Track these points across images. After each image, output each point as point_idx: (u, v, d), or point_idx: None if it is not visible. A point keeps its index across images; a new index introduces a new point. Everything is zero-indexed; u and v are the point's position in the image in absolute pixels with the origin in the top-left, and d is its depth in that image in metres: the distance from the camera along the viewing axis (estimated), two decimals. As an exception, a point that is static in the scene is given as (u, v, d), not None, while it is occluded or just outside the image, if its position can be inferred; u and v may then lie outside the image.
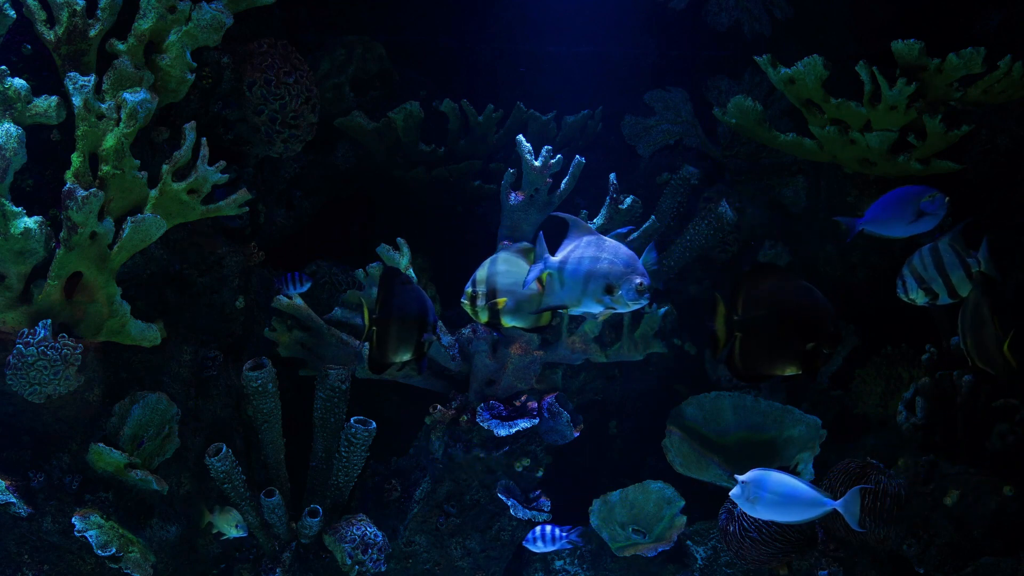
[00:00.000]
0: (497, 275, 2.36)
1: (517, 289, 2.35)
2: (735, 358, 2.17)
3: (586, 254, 2.24)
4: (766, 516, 2.49)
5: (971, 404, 2.79)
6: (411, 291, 2.30)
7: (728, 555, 3.10)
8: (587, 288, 2.22)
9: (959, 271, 2.49)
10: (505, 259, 2.38)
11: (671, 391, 3.63)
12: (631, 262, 2.21)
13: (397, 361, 2.33)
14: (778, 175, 3.66)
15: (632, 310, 2.25)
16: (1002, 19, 3.14)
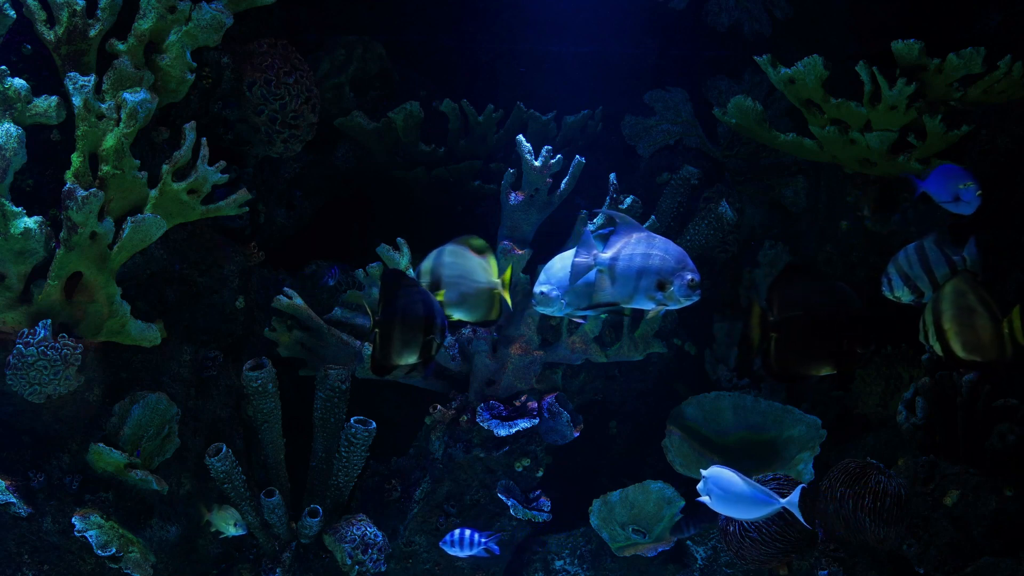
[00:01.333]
0: (443, 266, 2.35)
1: (462, 282, 2.35)
2: (771, 359, 2.18)
3: (637, 251, 2.25)
4: (725, 512, 2.54)
5: (971, 404, 2.79)
6: (417, 293, 2.29)
7: (728, 555, 3.10)
8: (639, 285, 2.24)
9: (944, 268, 2.49)
10: (452, 251, 2.37)
11: (671, 391, 3.63)
12: (682, 258, 2.22)
13: (401, 364, 2.32)
14: (778, 175, 3.66)
15: (684, 306, 2.26)
16: (1002, 19, 3.13)
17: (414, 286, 2.30)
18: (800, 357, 2.18)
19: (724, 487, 2.45)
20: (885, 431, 3.27)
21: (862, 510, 2.57)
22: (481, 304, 2.38)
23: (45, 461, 2.65)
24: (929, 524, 2.69)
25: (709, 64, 3.75)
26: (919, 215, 3.10)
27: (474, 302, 2.37)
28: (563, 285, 2.39)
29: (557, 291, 2.40)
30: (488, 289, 2.37)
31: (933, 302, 2.37)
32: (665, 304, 2.25)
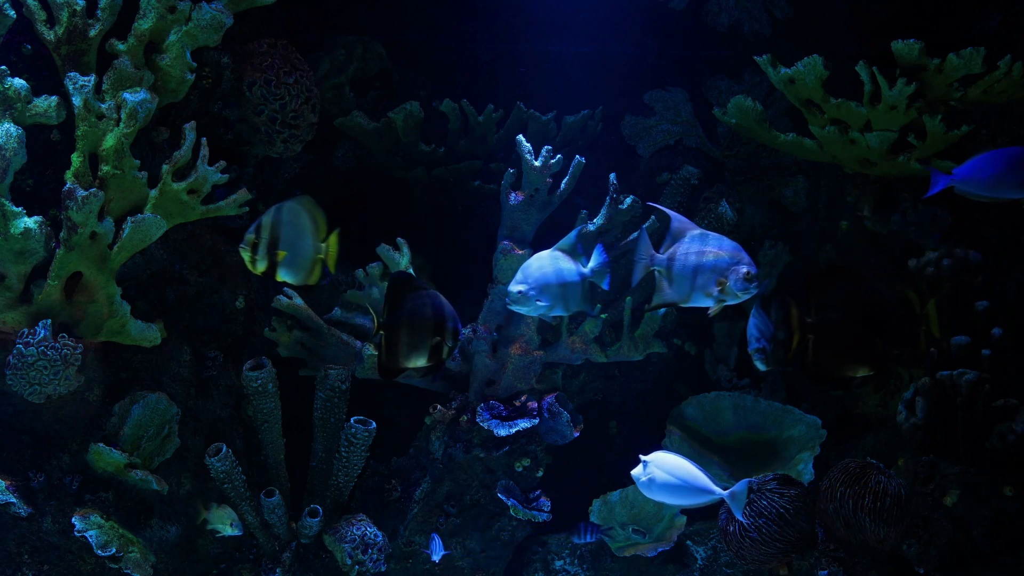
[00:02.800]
0: (282, 225, 2.32)
1: (297, 243, 2.32)
2: (808, 360, 2.18)
3: (691, 249, 2.26)
4: (659, 498, 2.55)
5: (971, 404, 2.79)
6: (425, 296, 2.28)
7: (728, 555, 3.10)
8: (696, 283, 2.25)
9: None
10: (291, 209, 2.33)
11: (671, 391, 3.63)
12: (736, 252, 2.22)
13: (410, 367, 2.31)
14: (778, 175, 3.66)
15: (742, 300, 2.26)
16: (1002, 19, 3.13)
17: (424, 289, 2.29)
18: (838, 359, 2.19)
19: (670, 472, 2.47)
20: (885, 431, 3.27)
21: (862, 510, 2.57)
22: (305, 268, 2.35)
23: (45, 461, 2.65)
24: (929, 524, 2.69)
25: (709, 64, 3.75)
26: (919, 215, 3.10)
27: (301, 265, 2.34)
28: (539, 285, 2.38)
29: (533, 291, 2.38)
30: (315, 254, 2.34)
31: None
32: (724, 300, 2.25)
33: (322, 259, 2.35)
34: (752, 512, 2.66)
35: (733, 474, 3.22)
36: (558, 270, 2.40)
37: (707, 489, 2.45)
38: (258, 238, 2.28)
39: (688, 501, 2.51)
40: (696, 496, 2.47)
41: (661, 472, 2.49)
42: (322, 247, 2.36)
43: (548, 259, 2.41)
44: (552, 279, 2.39)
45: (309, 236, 2.34)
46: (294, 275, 2.35)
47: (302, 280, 2.37)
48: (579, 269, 2.42)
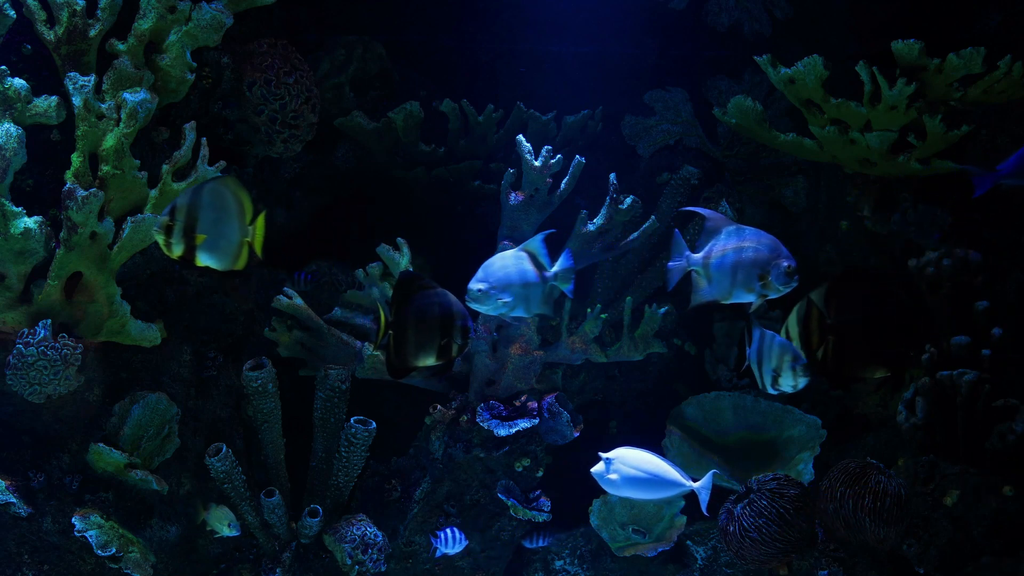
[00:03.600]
0: (201, 208, 2.17)
1: (219, 226, 2.18)
2: (830, 363, 2.18)
3: (728, 245, 2.23)
4: (626, 494, 2.56)
5: (971, 404, 2.79)
6: (433, 295, 2.26)
7: (728, 555, 3.10)
8: (736, 279, 2.22)
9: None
10: (212, 191, 2.20)
11: (671, 391, 3.63)
12: (775, 246, 2.21)
13: (420, 366, 2.30)
14: (778, 175, 3.66)
15: (783, 294, 2.24)
16: (1002, 19, 3.13)
17: (431, 288, 2.28)
18: (859, 360, 2.19)
19: (636, 467, 2.49)
20: (885, 431, 3.27)
21: (862, 510, 2.57)
22: (231, 252, 2.22)
23: (45, 461, 2.65)
24: (929, 524, 2.69)
25: (709, 64, 3.75)
26: (919, 215, 3.10)
27: (225, 249, 2.21)
28: (501, 284, 2.36)
29: (494, 289, 2.36)
30: (241, 238, 2.21)
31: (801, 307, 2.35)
32: (765, 295, 2.23)
33: (249, 242, 2.22)
34: (752, 512, 2.66)
35: (733, 474, 3.22)
36: (521, 270, 2.38)
37: (675, 482, 2.47)
38: (173, 220, 2.12)
39: (656, 495, 2.52)
40: (665, 489, 2.49)
41: (627, 467, 2.50)
42: (249, 230, 2.22)
43: (511, 258, 2.39)
44: (515, 279, 2.37)
45: (234, 219, 2.20)
46: (217, 260, 2.21)
47: (227, 265, 2.23)
48: (543, 271, 2.40)
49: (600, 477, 2.57)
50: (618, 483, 2.54)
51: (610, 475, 2.53)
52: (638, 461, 2.52)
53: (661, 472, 2.50)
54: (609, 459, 2.54)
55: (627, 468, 2.51)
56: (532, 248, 2.42)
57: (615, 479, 2.53)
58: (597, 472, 2.57)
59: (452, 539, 3.00)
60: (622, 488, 2.55)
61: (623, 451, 2.55)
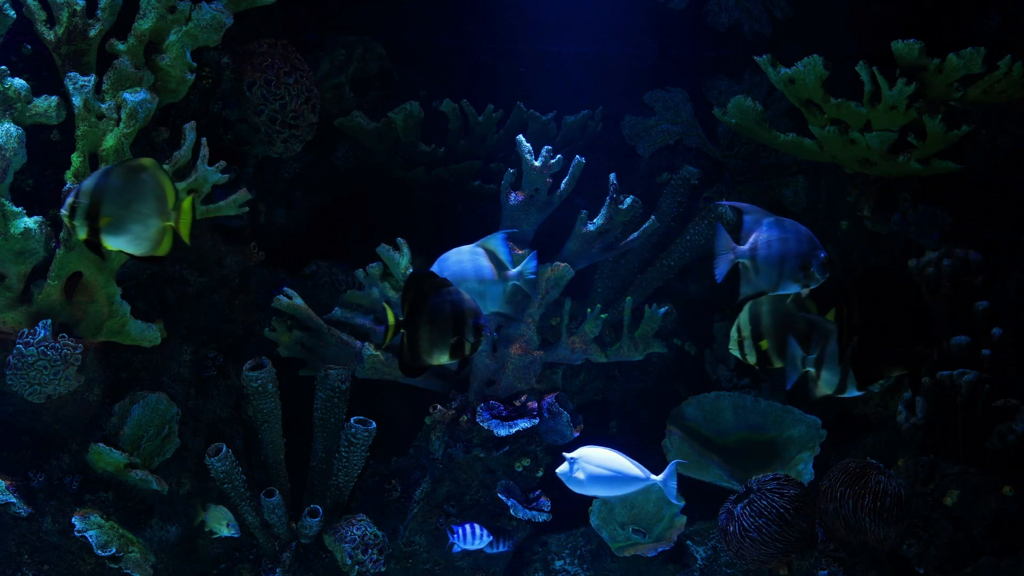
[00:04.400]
0: (107, 189, 2.09)
1: (130, 209, 2.10)
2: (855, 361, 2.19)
3: (772, 236, 2.24)
4: (591, 492, 2.59)
5: (971, 404, 2.79)
6: (446, 293, 2.24)
7: (728, 555, 3.10)
8: (783, 270, 2.22)
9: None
10: (122, 172, 2.12)
11: (671, 391, 3.63)
12: (811, 236, 2.22)
13: (433, 364, 2.29)
14: (778, 175, 3.66)
15: (820, 284, 2.26)
16: (1002, 19, 3.13)
17: (444, 286, 2.27)
18: (881, 358, 2.20)
19: (600, 464, 2.53)
20: (885, 431, 3.26)
21: (862, 510, 2.57)
22: (148, 237, 2.14)
23: (45, 461, 2.65)
24: (929, 524, 2.69)
25: (709, 64, 3.75)
26: (919, 215, 3.10)
27: (140, 234, 2.12)
28: (455, 279, 2.33)
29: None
30: (161, 222, 2.12)
31: (752, 305, 2.35)
32: (808, 285, 2.24)
33: (171, 227, 2.14)
34: (752, 512, 2.66)
35: (733, 474, 3.22)
36: (477, 267, 2.37)
37: (639, 477, 2.51)
38: (77, 202, 2.05)
39: (621, 491, 2.55)
40: (629, 485, 2.52)
41: (592, 466, 2.52)
42: (171, 214, 2.14)
43: (467, 254, 2.37)
44: (470, 275, 2.35)
45: (149, 202, 2.10)
46: (132, 244, 2.13)
47: (146, 250, 2.15)
48: (505, 270, 2.39)
49: (565, 477, 2.59)
50: (584, 482, 2.56)
51: (575, 474, 2.54)
52: (602, 459, 2.55)
53: (624, 468, 2.53)
54: (573, 459, 2.57)
55: (591, 466, 2.54)
56: (491, 246, 2.39)
57: (580, 478, 2.56)
58: (562, 472, 2.59)
59: (472, 535, 2.99)
60: (588, 487, 2.58)
61: (586, 450, 2.58)
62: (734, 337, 2.36)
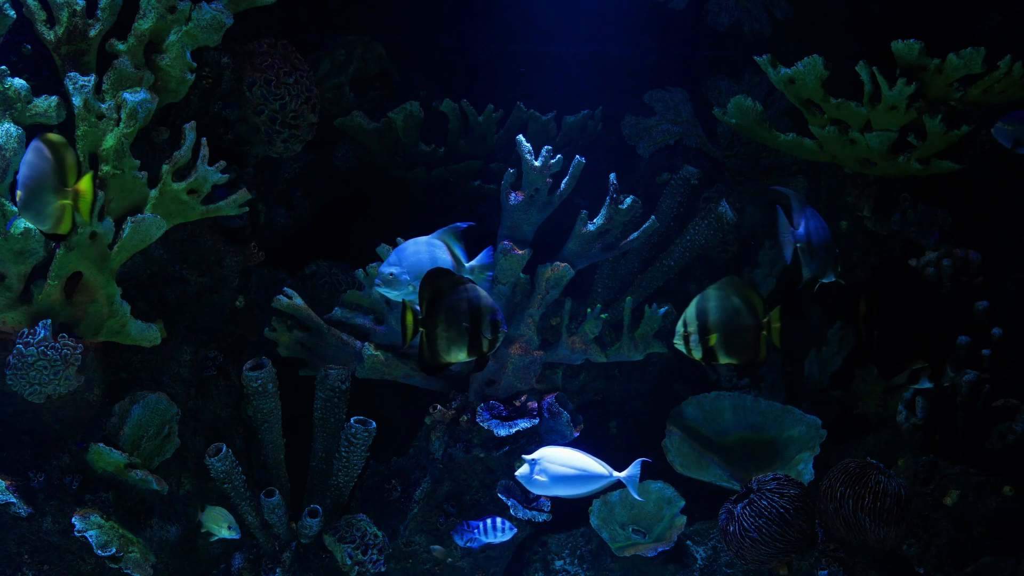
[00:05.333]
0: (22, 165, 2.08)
1: (33, 189, 2.09)
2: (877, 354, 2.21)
3: (819, 223, 2.33)
4: (554, 493, 2.59)
5: (971, 404, 2.79)
6: (463, 290, 2.26)
7: (728, 555, 3.10)
8: (831, 256, 2.34)
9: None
10: (33, 149, 2.10)
11: (671, 391, 3.63)
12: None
13: (452, 361, 2.30)
14: (778, 175, 3.66)
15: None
16: (1002, 19, 3.13)
17: (461, 283, 2.27)
18: (903, 352, 2.22)
19: (562, 463, 2.53)
20: (885, 431, 3.27)
21: (862, 510, 2.57)
22: (51, 216, 2.12)
23: (45, 461, 2.65)
24: (929, 524, 2.69)
25: (709, 64, 3.75)
26: (919, 215, 3.10)
27: (44, 212, 2.11)
28: (413, 270, 2.33)
29: (406, 275, 2.33)
30: (57, 199, 2.10)
31: (699, 300, 2.35)
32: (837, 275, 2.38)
33: (68, 206, 2.11)
34: (752, 512, 2.66)
35: (733, 474, 3.22)
36: (433, 258, 2.37)
37: (601, 475, 2.52)
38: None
39: (584, 490, 2.55)
40: (592, 483, 2.52)
41: (554, 466, 2.52)
42: (68, 192, 2.12)
43: (424, 245, 2.37)
44: (427, 266, 2.34)
45: (47, 177, 2.07)
46: (39, 222, 2.12)
47: (49, 229, 2.13)
48: (460, 263, 2.38)
49: (526, 479, 2.58)
50: (546, 483, 2.56)
51: (537, 476, 2.54)
52: (563, 458, 2.55)
53: (587, 466, 2.53)
54: (533, 460, 2.56)
55: (553, 466, 2.54)
56: (448, 238, 2.39)
57: (542, 480, 2.55)
58: (522, 475, 2.58)
59: (494, 528, 2.98)
60: (550, 487, 2.57)
61: (546, 451, 2.57)
62: (679, 332, 2.35)
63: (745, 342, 2.31)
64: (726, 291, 2.33)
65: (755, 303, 2.32)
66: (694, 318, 2.33)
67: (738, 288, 2.34)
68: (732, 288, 2.34)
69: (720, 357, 2.34)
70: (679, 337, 2.36)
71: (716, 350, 2.33)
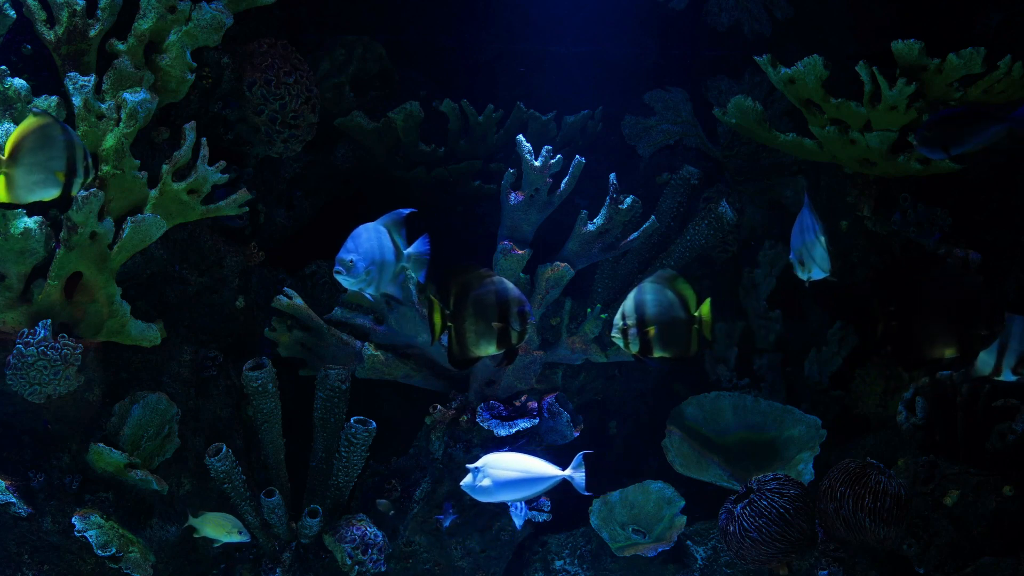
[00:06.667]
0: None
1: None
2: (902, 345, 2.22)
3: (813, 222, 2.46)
4: (501, 498, 2.58)
5: (971, 404, 2.79)
6: (489, 284, 2.25)
7: (728, 555, 3.10)
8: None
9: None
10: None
11: (671, 391, 3.63)
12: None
13: (481, 355, 2.29)
14: (778, 175, 3.66)
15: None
16: (1002, 19, 3.13)
17: (487, 276, 2.26)
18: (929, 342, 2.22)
19: (509, 468, 2.54)
20: (885, 431, 3.27)
21: (862, 510, 2.57)
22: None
23: (45, 461, 2.65)
24: (929, 524, 2.69)
25: (709, 64, 3.75)
26: (919, 215, 3.10)
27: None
28: (368, 258, 2.29)
29: (363, 262, 2.29)
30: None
31: (636, 294, 2.34)
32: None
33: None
34: (752, 512, 2.67)
35: (733, 474, 3.22)
36: (382, 245, 2.34)
37: (546, 475, 2.53)
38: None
39: (531, 491, 2.55)
40: (537, 484, 2.53)
41: (500, 471, 2.53)
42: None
43: (374, 232, 2.34)
44: (377, 254, 2.32)
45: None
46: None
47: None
48: (400, 251, 2.35)
49: (470, 488, 2.58)
50: (491, 489, 2.56)
51: (481, 483, 2.55)
52: (506, 463, 2.55)
53: (530, 467, 2.53)
54: (476, 468, 2.56)
55: (498, 471, 2.54)
56: (390, 225, 2.37)
57: (487, 485, 2.55)
58: (466, 484, 2.58)
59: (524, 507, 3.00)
60: (496, 493, 2.56)
61: (489, 457, 2.57)
62: (618, 325, 2.33)
63: (679, 336, 2.31)
64: (661, 284, 2.33)
65: (687, 296, 2.32)
66: (633, 311, 2.32)
67: (671, 281, 2.33)
68: (666, 281, 2.33)
69: (655, 351, 2.32)
70: (617, 330, 2.34)
71: (653, 344, 2.31)
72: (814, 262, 2.51)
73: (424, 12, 3.72)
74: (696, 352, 2.33)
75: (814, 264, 2.52)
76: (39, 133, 2.08)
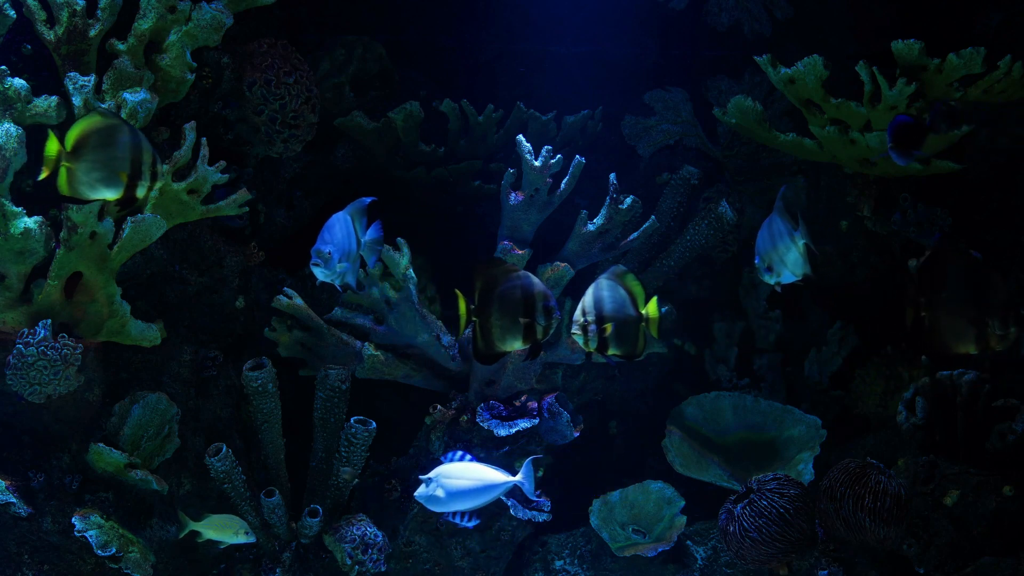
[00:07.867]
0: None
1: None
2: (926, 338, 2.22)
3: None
4: (459, 506, 2.62)
5: (971, 404, 2.79)
6: (515, 278, 2.25)
7: (728, 555, 3.10)
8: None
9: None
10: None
11: (671, 391, 3.63)
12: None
13: (507, 350, 2.30)
14: (778, 175, 3.66)
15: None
16: (1002, 19, 3.13)
17: (513, 271, 2.26)
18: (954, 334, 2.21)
19: (462, 476, 2.58)
20: (885, 431, 3.27)
21: (862, 510, 2.57)
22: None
23: (45, 461, 2.65)
24: (929, 524, 2.69)
25: (709, 64, 3.75)
26: (919, 215, 3.10)
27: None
28: (341, 249, 2.29)
29: (337, 252, 2.28)
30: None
31: (594, 290, 2.33)
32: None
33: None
34: (752, 512, 2.67)
35: (733, 474, 3.22)
36: (349, 233, 2.33)
37: (498, 483, 2.57)
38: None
39: (484, 499, 2.59)
40: (490, 492, 2.57)
41: (452, 480, 2.58)
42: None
43: (343, 222, 2.32)
44: (346, 245, 2.32)
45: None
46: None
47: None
48: (359, 239, 2.36)
49: (425, 498, 2.61)
50: (444, 499, 2.60)
51: (435, 492, 2.58)
52: (459, 471, 2.60)
53: (482, 476, 2.57)
54: (430, 478, 2.60)
55: (450, 481, 2.58)
56: (354, 213, 2.35)
57: (440, 495, 2.59)
58: (420, 494, 2.62)
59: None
60: (450, 502, 2.60)
61: (442, 468, 2.62)
62: (578, 321, 2.33)
63: (631, 333, 2.31)
64: (615, 281, 2.33)
65: (637, 294, 2.32)
66: (592, 307, 2.32)
67: (622, 278, 2.33)
68: (618, 278, 2.34)
69: (610, 348, 2.32)
70: (577, 327, 2.33)
71: (608, 341, 2.31)
72: (785, 266, 2.51)
73: (424, 12, 3.73)
74: (643, 350, 2.33)
75: (784, 268, 2.52)
76: (104, 132, 2.11)
